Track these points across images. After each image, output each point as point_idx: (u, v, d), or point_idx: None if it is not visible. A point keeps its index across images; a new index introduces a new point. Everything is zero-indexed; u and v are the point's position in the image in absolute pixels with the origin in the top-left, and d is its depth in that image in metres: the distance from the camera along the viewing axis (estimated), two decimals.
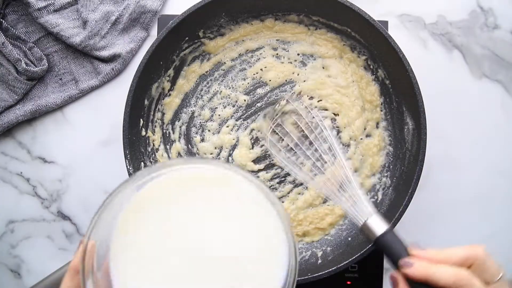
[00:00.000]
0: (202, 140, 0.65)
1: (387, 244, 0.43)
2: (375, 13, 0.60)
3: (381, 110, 0.64)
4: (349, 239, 0.62)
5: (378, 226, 0.45)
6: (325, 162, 0.58)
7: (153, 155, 0.64)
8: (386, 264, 0.65)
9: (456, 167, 0.66)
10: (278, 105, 0.62)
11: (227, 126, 0.64)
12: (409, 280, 0.40)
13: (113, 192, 0.38)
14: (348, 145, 0.64)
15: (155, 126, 0.64)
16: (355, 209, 0.48)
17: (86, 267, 0.37)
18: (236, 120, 0.64)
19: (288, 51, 0.65)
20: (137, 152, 0.61)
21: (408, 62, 0.57)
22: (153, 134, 0.64)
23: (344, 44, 0.65)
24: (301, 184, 0.63)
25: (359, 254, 0.56)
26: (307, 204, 0.63)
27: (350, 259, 0.56)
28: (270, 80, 0.65)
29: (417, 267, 0.40)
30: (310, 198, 0.63)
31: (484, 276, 0.38)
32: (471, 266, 0.39)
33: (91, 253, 0.37)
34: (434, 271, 0.38)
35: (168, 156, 0.64)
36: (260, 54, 0.65)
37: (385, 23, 0.65)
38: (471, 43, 0.67)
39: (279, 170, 0.64)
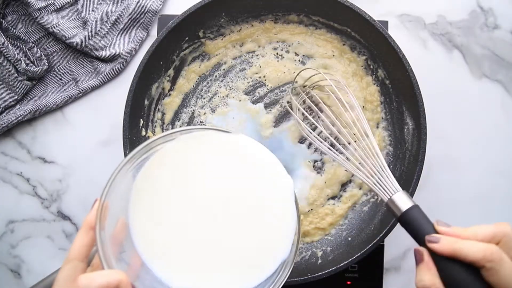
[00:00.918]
0: None
1: (412, 219, 0.43)
2: (375, 13, 0.60)
3: (381, 110, 0.64)
4: (349, 239, 0.62)
5: (404, 202, 0.44)
6: (354, 140, 0.58)
7: None
8: (386, 264, 0.65)
9: (456, 167, 0.66)
10: (306, 80, 0.62)
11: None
12: (435, 255, 0.39)
13: (127, 157, 0.40)
14: (349, 145, 0.64)
15: (155, 126, 0.64)
16: (380, 184, 0.48)
17: (101, 223, 0.37)
18: None
19: (288, 51, 0.65)
20: None
21: (408, 62, 0.57)
22: (153, 134, 0.64)
23: (344, 44, 0.65)
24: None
25: (359, 254, 0.56)
26: (308, 204, 0.63)
27: (350, 259, 0.56)
28: (270, 80, 0.65)
29: (444, 242, 0.39)
30: (311, 198, 0.63)
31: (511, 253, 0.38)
32: (498, 243, 0.38)
33: (106, 212, 0.38)
34: (461, 246, 0.38)
35: None
36: (260, 54, 0.65)
37: (385, 23, 0.65)
38: (471, 43, 0.67)
39: None
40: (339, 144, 0.59)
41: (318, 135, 0.61)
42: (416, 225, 0.42)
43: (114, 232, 0.40)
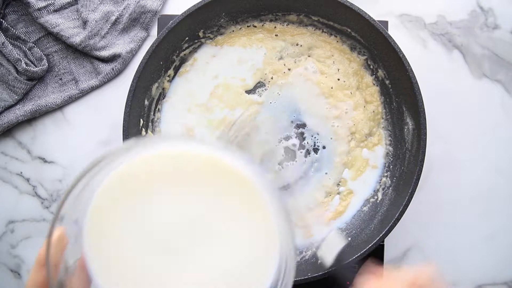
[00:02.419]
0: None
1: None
2: (375, 13, 0.60)
3: (381, 110, 0.64)
4: (349, 239, 0.62)
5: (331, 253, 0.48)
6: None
7: None
8: (386, 264, 0.65)
9: (456, 167, 0.66)
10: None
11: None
12: None
13: (87, 168, 0.32)
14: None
15: (155, 126, 0.64)
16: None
17: (53, 259, 0.32)
18: None
19: (288, 51, 0.65)
20: None
21: (408, 62, 0.57)
22: (153, 134, 0.64)
23: (344, 44, 0.65)
24: None
25: (359, 254, 0.56)
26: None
27: (350, 259, 0.56)
28: (270, 80, 0.65)
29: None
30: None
31: None
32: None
33: (59, 243, 0.33)
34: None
35: None
36: (260, 53, 0.65)
37: (385, 23, 0.65)
38: (471, 43, 0.67)
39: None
40: None
41: None
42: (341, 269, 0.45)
43: (81, 260, 0.35)
